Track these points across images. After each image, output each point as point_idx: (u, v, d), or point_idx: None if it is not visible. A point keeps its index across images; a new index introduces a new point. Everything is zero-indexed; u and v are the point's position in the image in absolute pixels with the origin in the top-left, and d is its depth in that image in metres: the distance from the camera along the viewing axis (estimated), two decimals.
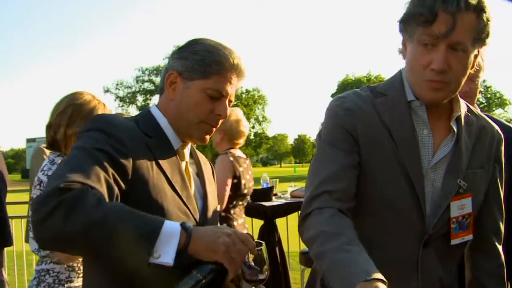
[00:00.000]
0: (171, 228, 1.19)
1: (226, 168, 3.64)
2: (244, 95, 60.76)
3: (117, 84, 59.14)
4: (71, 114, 2.33)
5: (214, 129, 1.59)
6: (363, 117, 1.51)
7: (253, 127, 61.94)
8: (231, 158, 3.69)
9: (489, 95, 54.66)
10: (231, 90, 1.56)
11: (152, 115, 1.57)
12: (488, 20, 1.40)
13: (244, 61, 1.57)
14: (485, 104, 52.29)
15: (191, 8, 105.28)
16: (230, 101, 1.59)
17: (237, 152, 3.83)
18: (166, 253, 1.16)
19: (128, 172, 1.35)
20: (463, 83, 1.48)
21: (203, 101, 1.52)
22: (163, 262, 1.16)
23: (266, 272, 1.45)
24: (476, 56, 1.47)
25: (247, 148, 54.42)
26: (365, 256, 1.24)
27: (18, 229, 5.50)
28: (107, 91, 59.07)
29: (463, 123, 1.55)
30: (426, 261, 1.51)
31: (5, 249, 4.80)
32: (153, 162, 1.44)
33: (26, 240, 4.68)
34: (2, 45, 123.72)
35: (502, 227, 1.66)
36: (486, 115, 1.83)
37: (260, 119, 63.04)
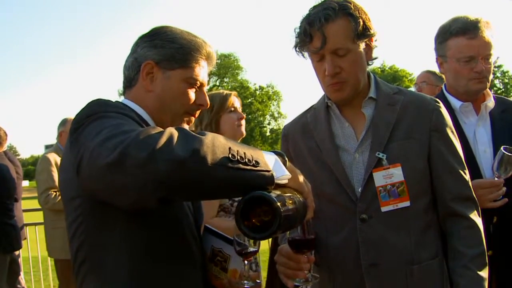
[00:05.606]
0: (268, 155, 1.24)
1: None
2: (258, 92, 60.57)
3: None
4: None
5: (193, 118, 1.57)
6: (292, 137, 1.91)
7: (268, 124, 61.70)
8: None
9: (506, 80, 53.84)
10: (206, 78, 1.55)
11: (131, 108, 1.47)
12: (359, 15, 1.65)
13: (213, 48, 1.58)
14: (503, 89, 51.49)
15: (208, 8, 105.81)
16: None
17: None
18: (278, 170, 1.21)
19: None
20: (361, 75, 1.73)
21: (185, 90, 1.50)
22: (284, 176, 1.23)
23: (258, 245, 1.51)
24: (369, 48, 1.72)
25: (264, 144, 54.18)
26: None
27: (34, 235, 5.54)
28: (121, 94, 59.37)
29: (381, 105, 1.76)
30: (367, 233, 1.68)
31: (21, 256, 4.88)
32: None
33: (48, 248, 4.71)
34: (20, 51, 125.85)
35: (465, 191, 1.73)
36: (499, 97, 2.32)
37: (276, 115, 62.57)
